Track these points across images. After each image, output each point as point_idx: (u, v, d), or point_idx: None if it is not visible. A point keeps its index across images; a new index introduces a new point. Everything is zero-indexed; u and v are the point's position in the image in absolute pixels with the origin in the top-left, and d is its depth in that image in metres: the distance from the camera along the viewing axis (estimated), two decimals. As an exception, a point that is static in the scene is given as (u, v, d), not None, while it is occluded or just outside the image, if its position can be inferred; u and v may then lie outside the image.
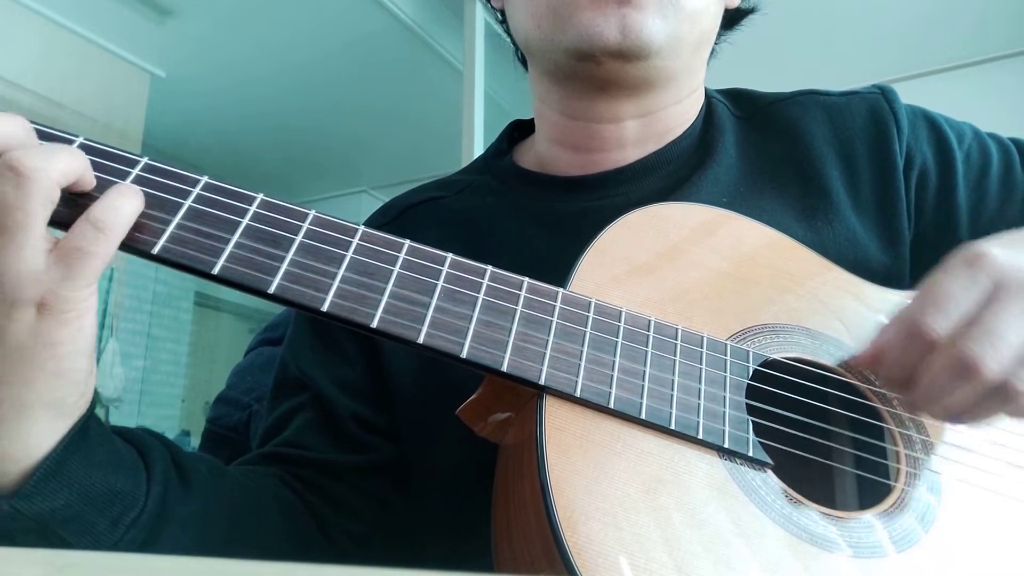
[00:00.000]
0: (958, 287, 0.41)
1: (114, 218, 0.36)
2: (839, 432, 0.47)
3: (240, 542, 0.47)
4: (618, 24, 0.52)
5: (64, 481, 0.37)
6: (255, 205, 0.40)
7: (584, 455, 0.38)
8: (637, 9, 0.52)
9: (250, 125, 3.50)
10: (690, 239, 0.50)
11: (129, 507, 0.40)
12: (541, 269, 0.44)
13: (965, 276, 0.41)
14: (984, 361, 0.38)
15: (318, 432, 0.57)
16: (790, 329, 0.48)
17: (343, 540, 0.54)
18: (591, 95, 0.58)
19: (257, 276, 0.38)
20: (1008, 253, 0.41)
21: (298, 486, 0.54)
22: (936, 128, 0.61)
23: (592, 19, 0.52)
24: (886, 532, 0.41)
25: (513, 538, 0.41)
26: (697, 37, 0.57)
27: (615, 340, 0.43)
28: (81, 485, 0.38)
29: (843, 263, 0.53)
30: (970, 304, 0.40)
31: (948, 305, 0.40)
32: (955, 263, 0.42)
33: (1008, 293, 0.40)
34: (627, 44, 0.53)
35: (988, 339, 0.39)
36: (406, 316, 0.39)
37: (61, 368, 0.35)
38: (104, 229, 0.35)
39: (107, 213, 0.36)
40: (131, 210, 0.37)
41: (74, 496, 0.37)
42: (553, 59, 0.57)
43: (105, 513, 0.39)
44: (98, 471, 0.39)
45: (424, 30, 2.79)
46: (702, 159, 0.60)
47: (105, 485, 0.39)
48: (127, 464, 0.41)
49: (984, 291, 0.40)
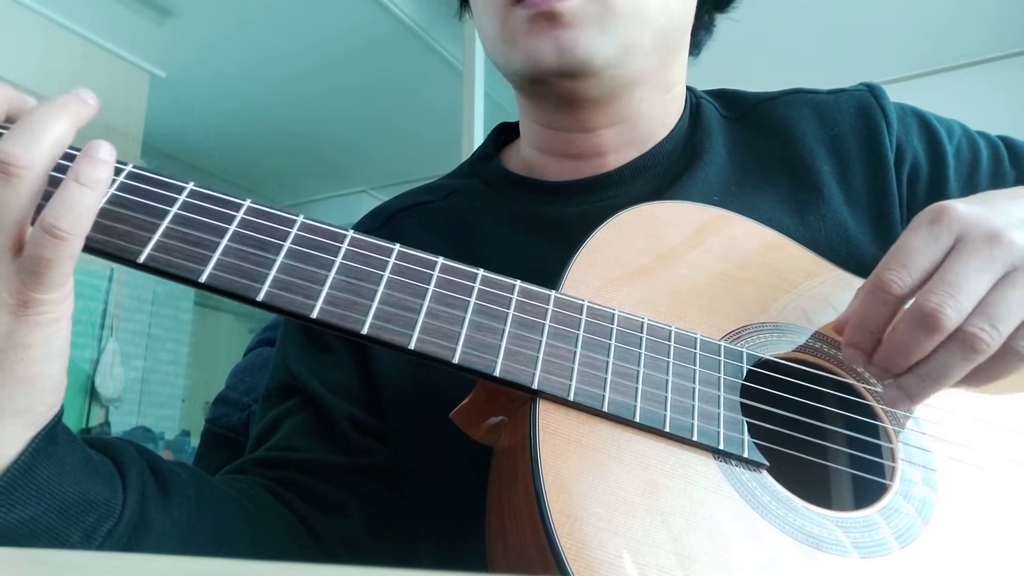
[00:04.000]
0: (919, 242, 0.41)
1: (70, 221, 0.34)
2: (834, 431, 0.47)
3: (225, 550, 0.46)
4: (553, 47, 0.52)
5: (32, 490, 0.35)
6: (242, 212, 0.40)
7: (578, 459, 0.38)
8: (568, 28, 0.52)
9: (250, 125, 3.50)
10: (682, 238, 0.50)
11: (104, 517, 0.38)
12: (531, 273, 0.44)
13: (926, 232, 0.41)
14: (943, 311, 0.38)
15: (310, 434, 0.57)
16: (784, 328, 0.48)
17: (333, 542, 0.53)
18: (557, 108, 0.59)
19: (245, 284, 0.37)
20: (970, 207, 0.41)
21: (285, 492, 0.53)
22: (926, 123, 0.62)
23: (530, 44, 0.53)
24: (886, 531, 0.41)
25: (507, 541, 0.40)
26: (655, 37, 0.55)
27: (608, 342, 0.42)
28: (51, 494, 0.36)
29: (835, 258, 0.53)
30: (931, 258, 0.40)
31: (909, 260, 0.40)
32: (919, 220, 0.42)
33: (968, 245, 0.40)
34: (565, 65, 0.52)
35: (947, 289, 0.39)
36: (397, 322, 0.39)
37: (31, 373, 0.34)
38: (60, 235, 0.33)
39: (60, 218, 0.33)
40: (89, 202, 0.34)
41: (44, 506, 0.35)
42: (512, 80, 0.58)
43: (78, 524, 0.37)
44: (69, 479, 0.37)
45: (424, 30, 2.79)
46: (691, 159, 0.60)
47: (77, 494, 0.37)
48: (100, 472, 0.40)
49: (945, 245, 0.41)
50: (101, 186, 0.35)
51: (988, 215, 0.41)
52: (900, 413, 0.46)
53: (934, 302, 0.38)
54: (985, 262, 0.39)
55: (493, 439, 0.45)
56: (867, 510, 0.42)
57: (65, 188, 0.34)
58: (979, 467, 0.45)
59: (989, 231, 0.40)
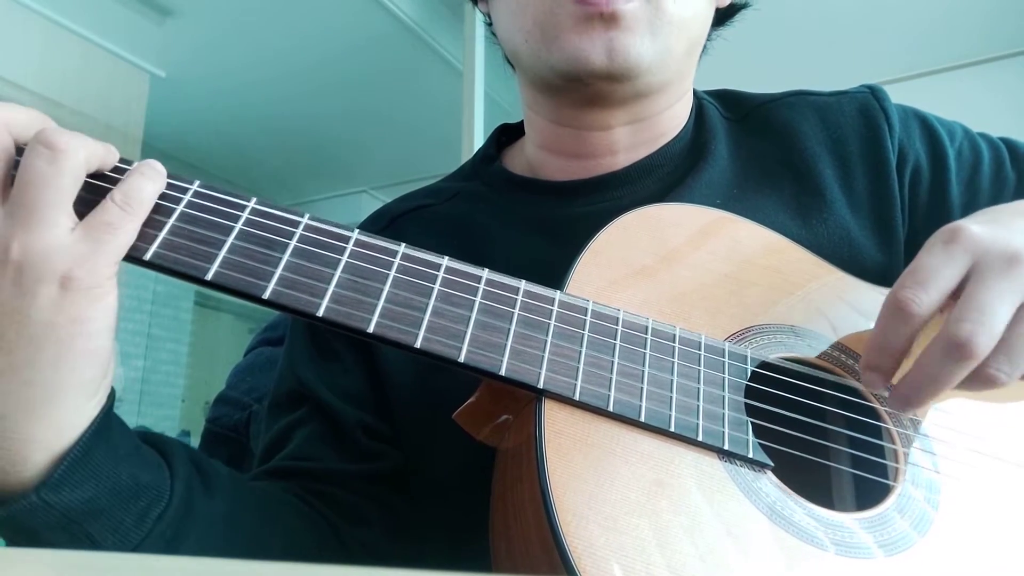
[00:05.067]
0: (937, 262, 0.41)
1: (138, 197, 0.37)
2: (838, 432, 0.47)
3: (266, 545, 0.46)
4: (605, 48, 0.51)
5: (91, 471, 0.36)
6: (248, 210, 0.40)
7: (584, 458, 0.38)
8: (625, 32, 0.51)
9: (250, 125, 3.50)
10: (686, 240, 0.50)
11: (155, 502, 0.40)
12: (536, 275, 0.44)
13: (943, 252, 0.41)
14: (976, 339, 0.38)
15: (324, 443, 0.56)
16: (788, 330, 0.48)
17: (357, 550, 0.53)
18: (580, 107, 0.58)
19: (251, 281, 0.38)
20: (984, 228, 0.41)
21: (310, 499, 0.53)
22: (927, 126, 0.61)
23: (578, 43, 0.51)
24: (892, 530, 0.41)
25: (512, 541, 0.40)
26: (687, 44, 0.56)
27: (613, 343, 0.42)
28: (107, 476, 0.37)
29: (838, 261, 0.53)
30: (949, 279, 0.40)
31: (926, 279, 0.40)
32: (933, 241, 0.42)
33: (989, 267, 0.40)
34: (615, 67, 0.52)
35: (978, 316, 0.38)
36: (403, 320, 0.39)
37: (91, 346, 0.36)
38: (129, 207, 0.37)
39: (131, 192, 0.37)
40: (153, 190, 0.38)
41: (101, 488, 0.37)
42: (540, 74, 0.56)
43: (131, 507, 0.38)
44: (123, 463, 0.38)
45: (424, 30, 2.79)
46: (695, 162, 0.60)
47: (131, 478, 0.38)
48: (149, 460, 0.41)
49: (962, 266, 0.40)
50: (159, 183, 0.39)
51: (1003, 235, 0.41)
52: (902, 415, 0.46)
53: (967, 330, 0.38)
54: (1008, 286, 0.39)
55: (497, 439, 0.45)
56: (873, 510, 0.42)
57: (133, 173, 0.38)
58: (981, 468, 0.45)
59: (1007, 253, 0.40)
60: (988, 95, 2.60)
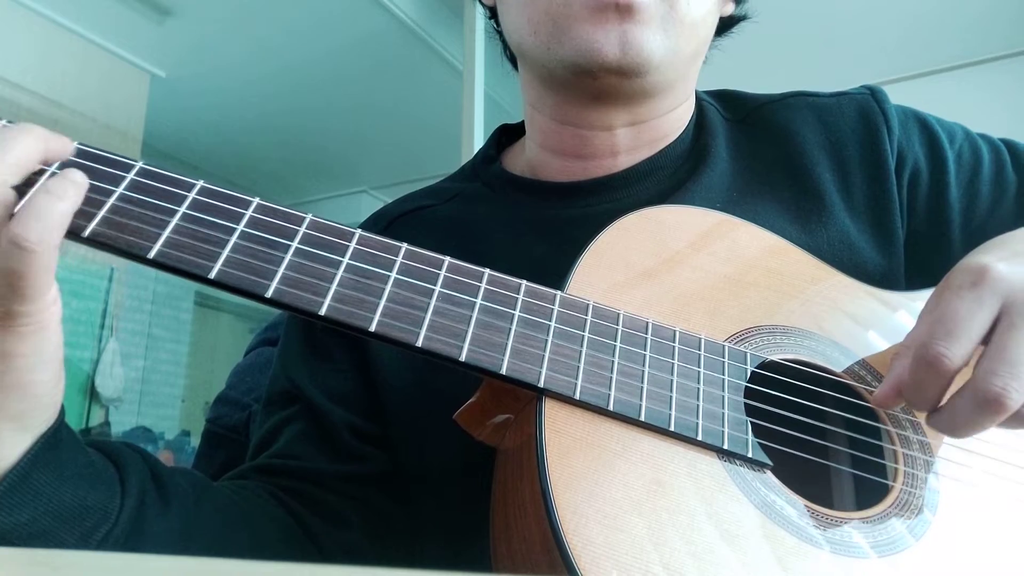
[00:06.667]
0: (965, 310, 0.39)
1: (37, 231, 0.32)
2: (837, 432, 0.47)
3: (228, 552, 0.46)
4: (619, 40, 0.51)
5: (29, 495, 0.36)
6: (251, 209, 0.40)
7: (584, 458, 0.38)
8: (639, 25, 0.51)
9: (250, 125, 3.50)
10: (686, 242, 0.50)
11: (100, 522, 0.39)
12: (536, 275, 0.44)
13: (971, 297, 0.39)
14: (1009, 395, 0.37)
15: (310, 443, 0.56)
16: (787, 331, 0.48)
17: (334, 551, 0.53)
18: (584, 103, 0.58)
19: (254, 280, 0.38)
20: (1011, 267, 0.40)
21: (287, 499, 0.53)
22: (927, 128, 0.61)
23: (592, 34, 0.51)
24: (890, 530, 0.41)
25: (512, 541, 0.41)
26: (695, 47, 0.56)
27: (613, 343, 0.43)
28: (49, 499, 0.36)
29: (838, 265, 0.53)
30: (980, 327, 0.39)
31: (957, 329, 0.39)
32: (958, 281, 0.41)
33: (1019, 314, 0.39)
34: (627, 61, 0.52)
35: (1010, 370, 0.37)
36: (404, 319, 0.39)
37: (21, 381, 0.34)
38: (27, 246, 0.32)
39: (28, 228, 0.32)
40: (63, 209, 0.34)
41: (40, 510, 0.36)
42: (548, 68, 0.56)
43: (74, 528, 0.38)
44: (68, 484, 0.37)
45: (424, 30, 2.79)
46: (695, 164, 0.60)
47: (75, 499, 0.38)
48: (102, 477, 0.40)
49: (992, 312, 0.39)
50: (71, 197, 0.34)
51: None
52: (902, 415, 0.47)
53: (999, 386, 0.37)
54: None
55: (498, 439, 0.45)
56: (872, 510, 0.42)
57: (34, 198, 0.33)
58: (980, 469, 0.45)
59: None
60: (987, 95, 2.60)
